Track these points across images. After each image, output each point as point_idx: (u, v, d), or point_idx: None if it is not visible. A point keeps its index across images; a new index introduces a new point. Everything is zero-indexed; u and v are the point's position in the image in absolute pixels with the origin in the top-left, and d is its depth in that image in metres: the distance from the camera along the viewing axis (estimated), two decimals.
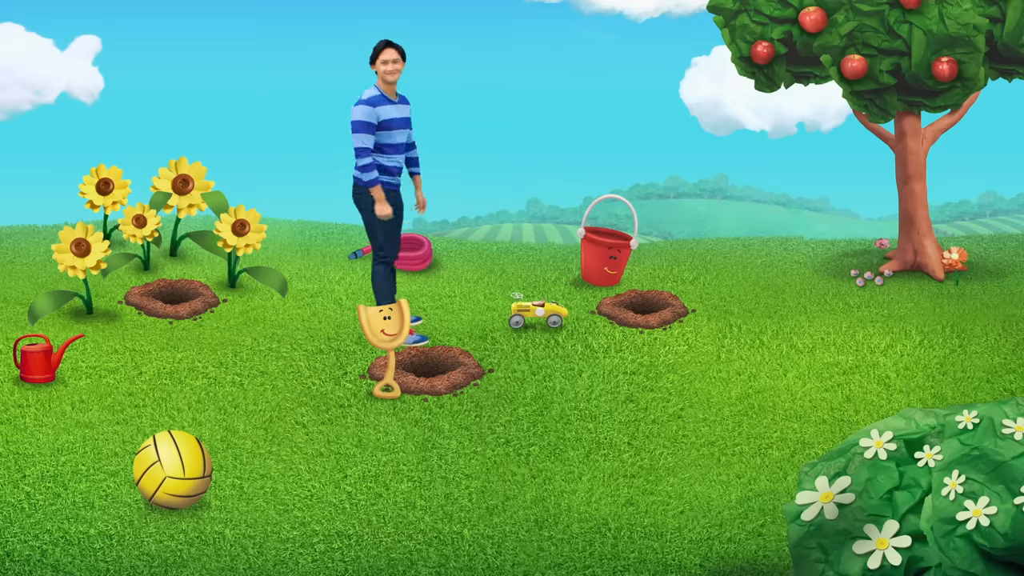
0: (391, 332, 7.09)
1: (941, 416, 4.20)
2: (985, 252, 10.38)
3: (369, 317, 7.11)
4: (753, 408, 6.94)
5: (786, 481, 6.00)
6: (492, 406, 6.94)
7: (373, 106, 7.52)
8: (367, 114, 7.50)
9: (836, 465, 4.26)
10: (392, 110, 7.61)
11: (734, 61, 9.55)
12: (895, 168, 9.73)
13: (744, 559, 5.21)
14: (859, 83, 8.94)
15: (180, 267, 9.42)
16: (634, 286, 9.18)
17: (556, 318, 8.12)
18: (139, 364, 7.38)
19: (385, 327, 7.09)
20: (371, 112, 7.51)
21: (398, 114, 7.66)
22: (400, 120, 7.68)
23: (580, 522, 5.55)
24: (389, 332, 7.09)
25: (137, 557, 5.14)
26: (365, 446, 6.36)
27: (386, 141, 7.64)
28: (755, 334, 8.08)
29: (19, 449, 6.18)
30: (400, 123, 7.67)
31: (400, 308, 7.14)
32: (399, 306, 7.14)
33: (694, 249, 10.69)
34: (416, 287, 9.23)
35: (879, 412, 6.87)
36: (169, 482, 5.44)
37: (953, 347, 7.80)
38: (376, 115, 7.53)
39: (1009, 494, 3.78)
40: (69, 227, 7.97)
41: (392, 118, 7.62)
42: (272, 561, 5.15)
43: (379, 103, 7.55)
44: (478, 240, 11.74)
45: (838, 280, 9.44)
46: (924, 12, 8.63)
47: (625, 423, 6.75)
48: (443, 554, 5.24)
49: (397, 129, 7.65)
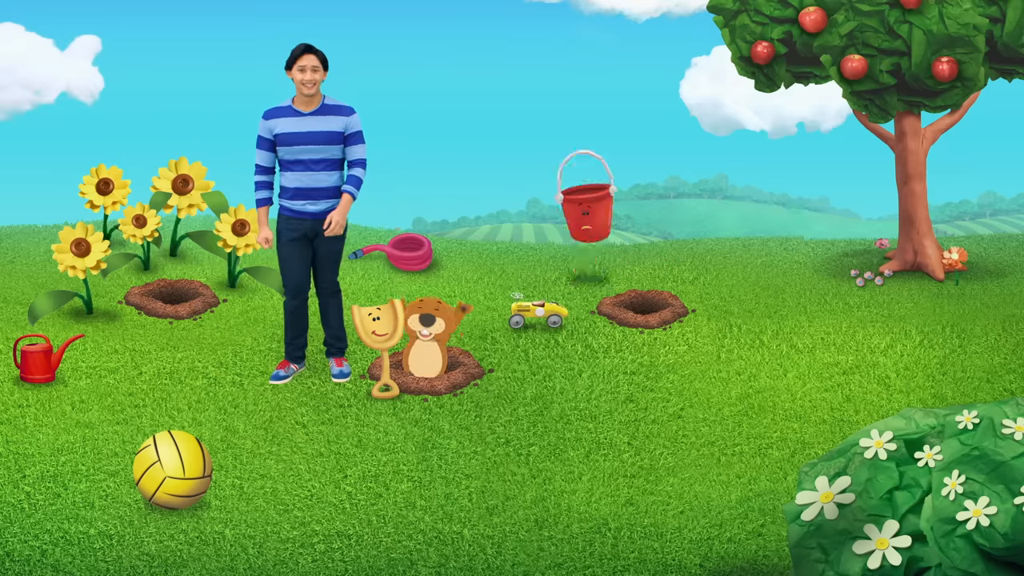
0: (382, 332, 7.08)
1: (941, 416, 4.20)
2: (985, 252, 10.38)
3: (362, 318, 7.11)
4: (753, 408, 6.94)
5: (786, 481, 6.00)
6: (492, 406, 6.94)
7: (267, 119, 6.82)
8: (262, 127, 6.84)
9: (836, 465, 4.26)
10: (295, 123, 6.78)
11: (734, 61, 9.55)
12: (895, 168, 9.73)
13: (744, 559, 5.21)
14: (859, 83, 8.95)
15: (180, 267, 9.42)
16: (634, 286, 9.18)
17: (556, 318, 8.12)
18: (139, 364, 7.38)
19: (376, 327, 7.09)
20: (264, 125, 6.82)
21: (305, 128, 6.78)
22: (307, 135, 6.77)
23: (580, 522, 5.55)
24: (380, 332, 7.08)
25: (137, 557, 5.14)
26: (365, 446, 6.36)
27: (287, 158, 6.82)
28: (755, 334, 8.08)
29: (19, 449, 6.18)
30: (306, 138, 6.78)
31: (393, 308, 7.13)
32: (391, 306, 7.13)
33: (694, 249, 10.69)
34: (416, 287, 9.23)
35: (879, 412, 6.87)
36: (169, 482, 5.44)
37: (953, 347, 7.80)
38: (270, 129, 6.81)
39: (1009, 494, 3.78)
40: (69, 227, 7.97)
41: (290, 132, 6.77)
42: (272, 561, 5.15)
43: (277, 115, 6.81)
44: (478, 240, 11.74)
45: (838, 280, 9.44)
46: (924, 12, 8.63)
47: (625, 423, 6.75)
48: (443, 554, 5.24)
49: (301, 145, 6.78)
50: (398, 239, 10.01)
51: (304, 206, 6.88)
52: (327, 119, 6.81)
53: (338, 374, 7.25)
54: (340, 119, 6.83)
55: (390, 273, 9.55)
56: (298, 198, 6.86)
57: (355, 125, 6.88)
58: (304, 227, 6.91)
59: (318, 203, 6.88)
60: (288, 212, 6.92)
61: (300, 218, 6.90)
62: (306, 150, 6.79)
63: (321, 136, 6.79)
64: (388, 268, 9.67)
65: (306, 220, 6.90)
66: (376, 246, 9.86)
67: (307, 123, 6.78)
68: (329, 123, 6.80)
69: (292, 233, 6.92)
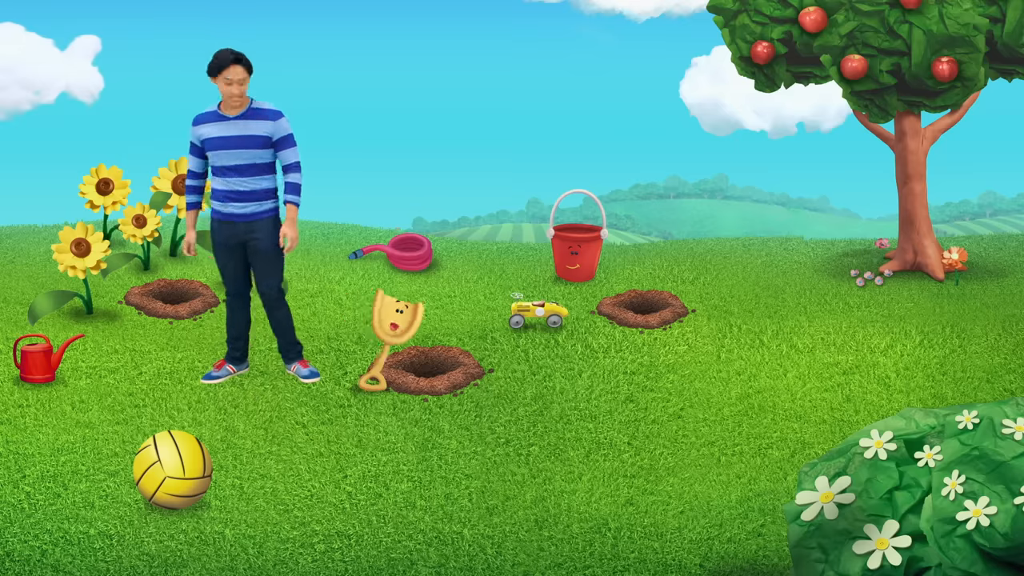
0: (397, 326, 7.14)
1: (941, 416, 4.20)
2: (985, 252, 10.38)
3: (383, 306, 7.14)
4: (753, 408, 6.94)
5: (786, 481, 6.00)
6: (492, 406, 6.94)
7: (194, 124, 6.77)
8: (191, 134, 6.81)
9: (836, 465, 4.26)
10: (219, 128, 6.69)
11: (734, 61, 9.55)
12: (895, 168, 9.73)
13: (744, 559, 5.21)
14: (859, 83, 8.95)
15: (180, 267, 9.42)
16: (634, 286, 9.18)
17: (556, 318, 8.12)
18: (139, 364, 7.38)
19: (395, 320, 7.13)
20: (192, 131, 6.79)
21: (229, 132, 6.69)
22: (231, 139, 6.68)
23: (580, 522, 5.55)
24: (396, 325, 7.13)
25: (137, 557, 5.14)
26: (365, 446, 6.36)
27: (216, 163, 6.74)
28: (755, 334, 8.08)
29: (19, 449, 6.18)
30: (230, 143, 6.68)
31: (416, 310, 7.18)
32: (416, 308, 7.19)
33: (694, 249, 10.69)
34: (416, 287, 9.23)
35: (879, 412, 6.87)
36: (169, 482, 5.44)
37: (953, 347, 7.80)
38: (197, 134, 6.75)
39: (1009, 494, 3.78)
40: (69, 227, 7.97)
41: (214, 137, 6.69)
42: (272, 561, 5.15)
43: (202, 121, 6.75)
44: (478, 240, 11.74)
45: (838, 280, 9.44)
46: (924, 12, 8.63)
47: (625, 423, 6.75)
48: (443, 554, 5.24)
49: (223, 149, 6.69)
50: (398, 239, 10.01)
51: (233, 209, 6.81)
52: (253, 123, 6.71)
53: (308, 374, 7.21)
54: (266, 123, 6.72)
55: (390, 273, 9.55)
56: (228, 201, 6.79)
57: (283, 129, 6.78)
58: (236, 230, 6.84)
59: (247, 205, 6.80)
60: (219, 216, 6.85)
61: (231, 221, 6.83)
62: (232, 155, 6.71)
63: (247, 140, 6.71)
64: (388, 268, 9.68)
65: (237, 223, 6.83)
66: (376, 246, 9.86)
67: (233, 127, 6.69)
68: (255, 127, 6.71)
69: (224, 237, 6.88)
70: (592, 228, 9.61)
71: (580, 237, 9.26)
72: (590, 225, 9.67)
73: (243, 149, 6.70)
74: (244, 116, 6.70)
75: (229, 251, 6.91)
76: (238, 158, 6.71)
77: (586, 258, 9.29)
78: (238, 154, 6.70)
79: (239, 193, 6.76)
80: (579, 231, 9.62)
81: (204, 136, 6.72)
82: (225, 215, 6.83)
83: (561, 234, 9.32)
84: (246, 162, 6.72)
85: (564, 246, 9.30)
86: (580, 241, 9.25)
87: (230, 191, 6.75)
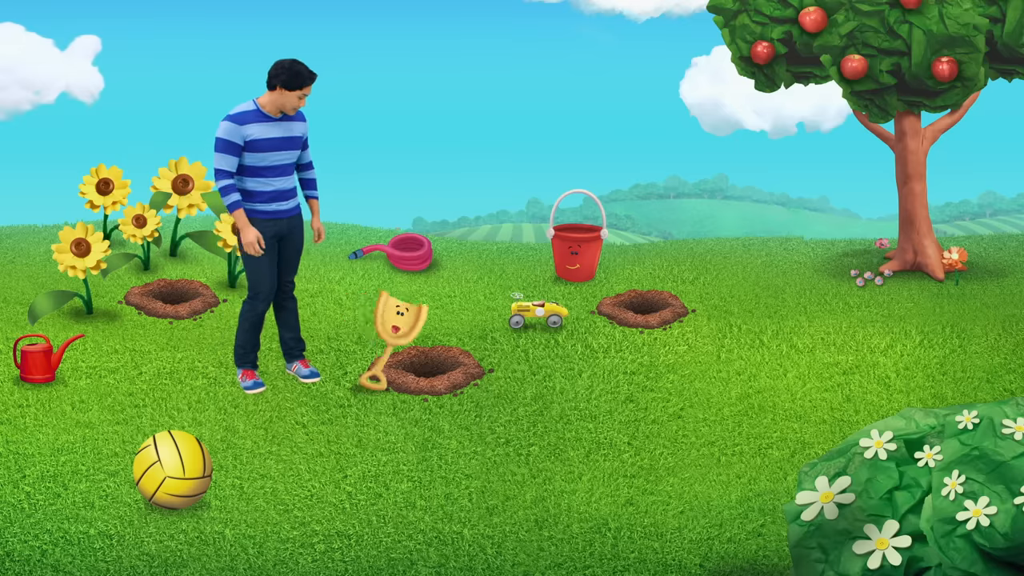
0: (400, 328, 7.14)
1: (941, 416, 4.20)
2: (985, 252, 10.38)
3: (386, 307, 7.16)
4: (753, 408, 6.94)
5: (786, 481, 6.00)
6: (492, 406, 6.94)
7: (240, 124, 6.66)
8: (230, 132, 6.65)
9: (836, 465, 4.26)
10: (266, 129, 6.73)
11: (734, 61, 9.55)
12: (895, 168, 9.73)
13: (744, 559, 5.21)
14: (859, 83, 8.95)
15: (180, 267, 9.42)
16: (634, 286, 9.19)
17: (556, 318, 8.12)
18: (139, 364, 7.38)
19: (397, 322, 7.14)
20: (235, 131, 6.65)
21: (276, 133, 6.76)
22: (279, 141, 6.78)
23: (580, 522, 5.55)
24: (398, 327, 7.14)
25: (137, 557, 5.14)
26: (365, 446, 6.37)
27: (258, 164, 6.75)
28: (755, 334, 8.08)
29: (19, 449, 6.18)
30: (278, 144, 6.78)
31: (419, 311, 7.18)
32: (419, 309, 7.19)
33: (694, 249, 10.69)
34: (416, 287, 9.23)
35: (879, 412, 6.87)
36: (169, 482, 5.44)
37: (953, 347, 7.80)
38: (242, 135, 6.67)
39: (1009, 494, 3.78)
40: (69, 227, 7.97)
41: (264, 138, 6.72)
42: (272, 561, 5.15)
43: (249, 120, 6.69)
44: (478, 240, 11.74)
45: (838, 280, 9.44)
46: (924, 12, 8.63)
47: (625, 423, 6.75)
48: (443, 554, 5.24)
49: (272, 151, 6.77)
50: (398, 239, 10.01)
51: (278, 207, 6.93)
52: (294, 124, 6.87)
53: (308, 374, 7.23)
54: (302, 124, 6.94)
55: (390, 273, 9.55)
56: (271, 201, 6.88)
57: (307, 130, 7.03)
58: (279, 228, 6.96)
59: (289, 203, 6.98)
60: (265, 215, 6.89)
61: (276, 219, 6.93)
62: (280, 156, 6.83)
63: (292, 141, 6.86)
64: (388, 268, 9.67)
65: (281, 220, 6.96)
66: (376, 246, 9.86)
67: (278, 128, 6.79)
68: (296, 128, 6.88)
69: (269, 236, 6.92)
70: (592, 228, 9.62)
71: (580, 237, 9.28)
72: (590, 225, 9.69)
73: (289, 151, 6.86)
74: (285, 117, 6.82)
75: (272, 249, 6.98)
76: (284, 158, 6.86)
77: (586, 258, 9.31)
78: (284, 155, 6.85)
79: (281, 192, 6.90)
80: (579, 231, 9.64)
81: (252, 136, 6.70)
82: (269, 213, 6.89)
83: (561, 234, 9.33)
84: (289, 162, 6.90)
85: (564, 246, 9.31)
86: (580, 241, 9.26)
87: (274, 191, 6.86)
